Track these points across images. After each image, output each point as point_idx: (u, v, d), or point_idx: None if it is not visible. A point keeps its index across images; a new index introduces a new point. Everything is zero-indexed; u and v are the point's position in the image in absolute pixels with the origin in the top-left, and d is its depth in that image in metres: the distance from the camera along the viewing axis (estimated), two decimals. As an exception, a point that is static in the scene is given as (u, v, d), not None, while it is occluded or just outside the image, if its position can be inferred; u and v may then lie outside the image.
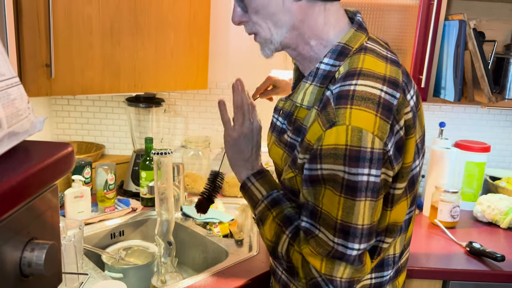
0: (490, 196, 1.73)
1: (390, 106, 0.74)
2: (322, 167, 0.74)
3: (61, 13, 1.22)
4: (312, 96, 0.81)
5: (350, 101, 0.72)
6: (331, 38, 0.83)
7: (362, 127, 0.71)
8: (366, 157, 0.71)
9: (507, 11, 1.82)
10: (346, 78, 0.76)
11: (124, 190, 1.77)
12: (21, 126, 0.47)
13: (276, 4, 0.80)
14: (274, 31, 0.82)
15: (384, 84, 0.75)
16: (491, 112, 1.95)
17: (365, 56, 0.79)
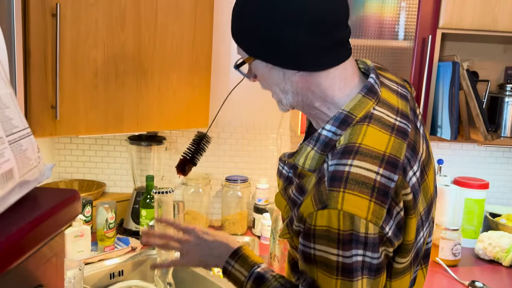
0: (491, 233, 1.73)
1: (386, 190, 0.71)
2: (315, 247, 0.73)
3: (68, 57, 1.26)
4: (313, 161, 0.79)
5: (344, 184, 0.70)
6: (336, 101, 0.81)
7: (354, 213, 0.69)
8: (359, 241, 0.70)
9: (499, 51, 1.88)
10: (343, 155, 0.74)
11: (124, 229, 1.77)
12: (31, 175, 0.49)
13: (277, 76, 0.82)
14: (281, 95, 0.85)
15: (381, 166, 0.72)
16: (488, 149, 1.97)
17: (367, 128, 0.76)
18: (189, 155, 1.07)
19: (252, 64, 0.85)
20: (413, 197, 0.76)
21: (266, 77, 0.84)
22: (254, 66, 0.85)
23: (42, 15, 1.20)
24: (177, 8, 1.48)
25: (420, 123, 0.87)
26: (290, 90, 0.83)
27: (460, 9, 1.53)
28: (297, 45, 0.77)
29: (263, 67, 0.83)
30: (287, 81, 0.82)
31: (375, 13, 1.59)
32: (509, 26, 1.54)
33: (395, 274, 0.80)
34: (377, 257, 0.72)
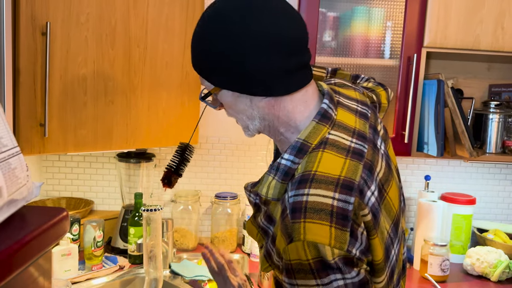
0: (478, 248, 1.74)
1: (345, 214, 0.72)
2: (297, 283, 0.73)
3: (57, 75, 1.27)
4: (275, 191, 0.80)
5: (304, 214, 0.71)
6: (298, 125, 0.83)
7: (317, 241, 0.70)
8: (331, 266, 0.71)
9: (482, 69, 1.93)
10: (299, 185, 0.75)
11: (112, 247, 1.75)
12: (20, 193, 0.49)
13: (244, 103, 0.82)
14: (248, 121, 0.85)
15: (336, 191, 0.73)
16: (474, 165, 2.00)
17: (323, 154, 0.77)
18: (174, 167, 1.06)
19: (218, 94, 0.83)
20: (373, 217, 0.76)
21: (233, 105, 0.83)
22: (220, 96, 0.83)
23: (32, 33, 1.20)
24: (167, 26, 1.49)
25: (381, 140, 0.87)
26: (257, 116, 0.83)
27: (444, 29, 1.57)
28: (263, 71, 0.77)
29: (229, 95, 0.82)
30: (254, 107, 0.82)
31: (361, 32, 1.62)
32: (491, 45, 1.59)
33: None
34: (356, 275, 0.72)
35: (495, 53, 1.61)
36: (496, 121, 1.74)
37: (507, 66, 1.93)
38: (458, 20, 1.57)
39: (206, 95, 0.85)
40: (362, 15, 1.61)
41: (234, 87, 0.80)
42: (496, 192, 2.03)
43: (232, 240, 1.84)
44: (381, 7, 1.61)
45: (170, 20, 1.50)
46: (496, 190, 2.03)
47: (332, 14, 1.62)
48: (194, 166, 1.93)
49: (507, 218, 2.05)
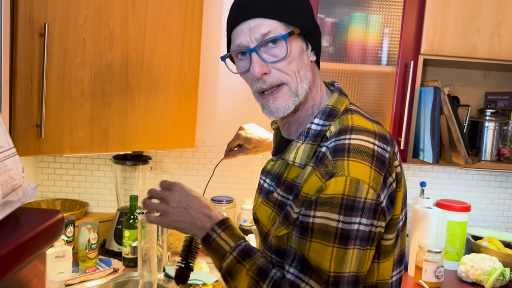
0: (473, 256, 1.75)
1: (383, 159, 0.78)
2: (315, 215, 0.75)
3: (55, 76, 1.26)
4: (304, 154, 0.84)
5: (347, 154, 0.76)
6: (317, 102, 0.89)
7: (360, 178, 0.74)
8: (359, 207, 0.74)
9: (479, 77, 1.94)
10: (340, 134, 0.80)
11: (106, 250, 1.74)
12: (15, 195, 0.49)
13: (304, 60, 0.87)
14: (300, 84, 0.86)
15: (375, 139, 0.79)
16: (469, 172, 2.01)
17: (352, 116, 0.85)
18: (184, 263, 1.05)
19: (291, 41, 0.84)
20: (401, 171, 0.83)
21: (296, 57, 0.85)
22: (291, 44, 0.84)
23: (30, 34, 1.20)
24: (165, 29, 1.50)
25: None
26: (308, 78, 0.87)
27: (441, 37, 1.58)
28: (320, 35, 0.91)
29: (299, 45, 0.85)
30: (308, 67, 0.87)
31: (359, 38, 1.63)
32: (487, 53, 1.60)
33: (383, 253, 0.83)
34: (370, 224, 0.75)
35: (492, 61, 1.62)
36: (492, 129, 1.75)
37: (503, 74, 1.94)
38: (455, 28, 1.58)
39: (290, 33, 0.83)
40: (360, 21, 1.62)
41: (309, 31, 0.86)
42: (490, 199, 2.04)
43: (227, 244, 1.84)
44: (379, 14, 1.61)
45: (168, 24, 1.50)
46: (490, 198, 2.04)
47: (330, 20, 1.63)
48: (190, 169, 1.93)
49: (502, 225, 2.06)
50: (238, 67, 0.89)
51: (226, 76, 1.90)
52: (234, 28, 0.85)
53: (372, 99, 1.66)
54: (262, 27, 0.82)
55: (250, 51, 0.83)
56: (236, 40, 0.85)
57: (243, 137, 1.21)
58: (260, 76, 0.83)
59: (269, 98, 0.86)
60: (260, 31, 0.82)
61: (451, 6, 1.57)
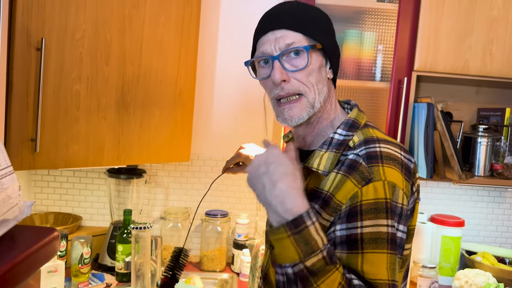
0: (467, 271, 1.75)
1: (409, 169, 0.82)
2: (363, 224, 0.75)
3: (51, 90, 1.27)
4: (328, 161, 0.85)
5: (381, 160, 0.79)
6: (332, 117, 0.93)
7: (396, 183, 0.77)
8: (397, 212, 0.76)
9: (471, 93, 1.97)
10: (368, 143, 0.83)
11: (99, 264, 1.72)
12: (11, 213, 0.48)
13: (322, 74, 0.89)
14: (317, 96, 0.88)
15: (401, 150, 0.84)
16: (463, 187, 2.02)
17: (374, 130, 0.89)
18: (170, 273, 1.06)
19: (312, 54, 0.87)
20: (419, 183, 0.86)
21: (315, 71, 0.87)
22: (312, 57, 0.87)
23: (27, 48, 1.21)
24: (162, 44, 1.51)
25: None
26: (325, 92, 0.89)
27: (433, 54, 1.60)
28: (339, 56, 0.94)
29: (319, 60, 0.88)
30: (325, 82, 0.90)
31: (353, 55, 1.65)
32: (479, 70, 1.62)
33: (403, 262, 0.84)
34: (404, 231, 0.77)
35: (484, 78, 1.64)
36: (485, 144, 1.76)
37: (495, 90, 1.97)
38: (447, 45, 1.60)
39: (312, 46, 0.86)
40: (354, 38, 1.64)
41: (329, 49, 0.90)
42: (484, 214, 2.05)
43: (221, 259, 1.83)
44: (373, 31, 1.64)
45: (165, 39, 1.51)
46: (484, 213, 2.05)
47: (325, 36, 1.65)
48: (185, 183, 1.93)
49: (495, 240, 2.06)
50: (259, 73, 0.91)
51: (222, 91, 1.91)
52: (260, 37, 0.89)
53: (366, 115, 1.67)
54: (287, 38, 0.85)
55: (273, 58, 0.86)
56: (260, 47, 0.88)
57: (244, 156, 1.21)
58: (279, 82, 0.85)
59: (285, 106, 0.88)
60: (284, 41, 0.85)
61: (443, 24, 1.60)
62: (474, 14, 1.60)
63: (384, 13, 1.63)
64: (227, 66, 1.91)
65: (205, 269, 1.79)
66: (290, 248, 0.69)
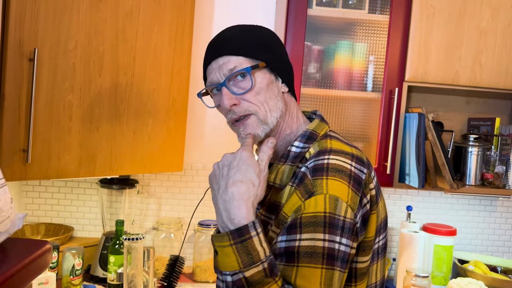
0: (459, 280, 1.75)
1: (359, 180, 0.80)
2: (301, 237, 0.74)
3: (43, 101, 1.26)
4: (284, 175, 0.86)
5: (326, 173, 0.79)
6: (294, 129, 0.93)
7: (338, 196, 0.76)
8: (339, 225, 0.75)
9: (462, 103, 1.99)
10: (319, 155, 0.83)
11: (91, 275, 1.70)
12: (3, 226, 0.48)
13: (273, 91, 0.90)
14: (269, 113, 0.89)
15: (352, 160, 0.83)
16: (454, 196, 2.04)
17: (331, 140, 0.88)
18: (166, 282, 1.06)
19: (257, 74, 0.88)
20: (376, 194, 0.85)
21: (263, 89, 0.88)
22: (257, 76, 0.88)
23: (19, 59, 1.20)
24: (155, 55, 1.51)
25: None
26: (279, 107, 0.90)
27: (424, 65, 1.63)
28: (291, 68, 0.95)
29: (266, 77, 0.89)
30: (278, 97, 0.90)
31: (345, 65, 1.67)
32: (469, 81, 1.65)
33: (360, 275, 0.84)
34: (350, 245, 0.76)
35: (474, 89, 1.67)
36: (475, 154, 1.78)
37: (485, 100, 1.99)
38: (438, 56, 1.63)
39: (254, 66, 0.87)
40: (345, 49, 1.66)
41: (275, 66, 0.90)
42: (476, 223, 2.06)
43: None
44: (364, 42, 1.66)
45: (158, 49, 1.52)
46: (476, 221, 2.06)
47: (317, 47, 1.67)
48: (178, 193, 1.92)
49: (487, 249, 2.08)
50: (214, 101, 0.96)
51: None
52: (206, 67, 0.93)
53: (358, 125, 1.69)
54: (229, 63, 0.88)
55: (220, 85, 0.89)
56: (209, 77, 0.92)
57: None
58: (229, 107, 0.88)
59: (239, 125, 0.90)
60: (227, 67, 0.88)
61: (433, 35, 1.62)
62: (463, 25, 1.63)
63: (375, 25, 1.66)
64: (220, 76, 1.91)
65: (198, 280, 1.78)
66: (231, 257, 0.71)
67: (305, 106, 1.66)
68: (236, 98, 0.88)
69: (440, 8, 1.62)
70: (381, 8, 1.65)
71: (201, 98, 0.97)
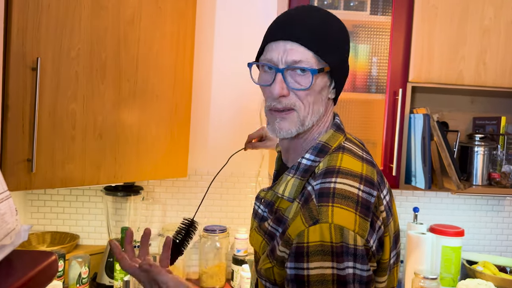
0: (468, 281, 1.74)
1: (368, 205, 0.77)
2: (309, 266, 0.74)
3: (46, 110, 1.26)
4: (293, 188, 0.84)
5: (332, 199, 0.76)
6: (315, 136, 0.90)
7: (344, 225, 0.73)
8: (349, 252, 0.73)
9: (466, 103, 1.98)
10: (326, 175, 0.80)
11: (97, 284, 1.70)
12: (8, 238, 0.48)
13: (324, 96, 0.87)
14: (309, 115, 0.86)
15: (361, 183, 0.79)
16: (461, 196, 2.02)
17: (343, 155, 0.84)
18: (178, 240, 1.05)
19: (319, 76, 0.85)
20: (386, 215, 0.83)
21: (316, 92, 0.85)
22: (317, 78, 0.84)
23: (22, 69, 1.20)
24: (157, 61, 1.51)
25: None
26: (320, 112, 0.88)
27: (428, 65, 1.62)
28: (347, 74, 0.92)
29: (323, 82, 0.86)
30: (324, 103, 0.88)
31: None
32: (474, 80, 1.63)
33: None
34: (367, 269, 0.74)
35: (478, 88, 1.65)
36: (482, 153, 1.77)
37: (490, 99, 1.98)
38: (441, 56, 1.62)
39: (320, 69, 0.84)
40: (348, 50, 1.65)
41: (337, 72, 0.88)
42: (483, 223, 2.04)
43: (220, 276, 1.81)
44: (367, 44, 1.65)
45: (160, 55, 1.52)
46: (483, 221, 2.04)
47: (320, 49, 1.66)
48: (182, 198, 1.92)
49: (496, 249, 2.06)
50: (261, 78, 0.90)
51: (218, 105, 1.91)
52: (270, 41, 0.86)
53: (362, 127, 1.68)
54: (296, 54, 0.83)
55: (277, 70, 0.84)
56: (268, 53, 0.86)
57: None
58: (278, 97, 0.85)
59: (277, 116, 0.87)
60: (292, 57, 0.83)
61: (436, 35, 1.61)
62: (466, 24, 1.62)
63: (378, 26, 1.65)
64: (223, 80, 1.91)
65: (205, 286, 1.77)
66: None
67: (309, 109, 1.65)
68: (287, 89, 0.84)
69: (442, 7, 1.61)
70: (383, 9, 1.64)
71: (250, 67, 0.91)
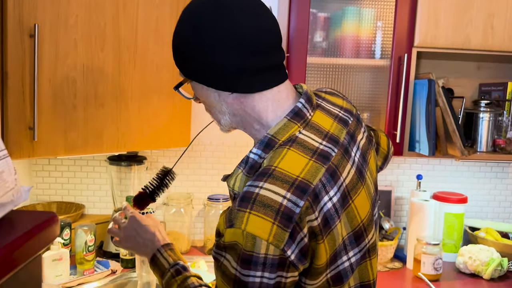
0: (470, 247, 1.75)
1: (290, 215, 0.72)
2: (225, 256, 0.75)
3: (46, 78, 1.25)
4: (241, 184, 0.82)
5: (251, 206, 0.73)
6: (268, 122, 0.83)
7: (256, 234, 0.71)
8: (258, 262, 0.71)
9: (472, 69, 1.94)
10: (257, 177, 0.76)
11: (104, 251, 1.73)
12: (7, 197, 0.48)
13: (213, 97, 0.84)
14: (219, 115, 0.87)
15: (289, 191, 0.74)
16: (465, 163, 2.02)
17: (288, 151, 0.78)
18: (150, 189, 1.05)
19: (191, 86, 0.87)
20: (323, 222, 0.76)
21: (204, 98, 0.86)
22: (193, 88, 0.87)
23: (20, 36, 1.19)
24: (157, 28, 1.48)
25: (357, 148, 0.88)
26: (227, 111, 0.85)
27: (434, 29, 1.58)
28: (228, 68, 0.79)
29: (200, 88, 0.84)
30: (222, 102, 0.84)
31: (352, 33, 1.63)
32: (480, 44, 1.60)
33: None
34: (275, 276, 0.73)
35: (485, 52, 1.62)
36: (487, 120, 1.75)
37: (497, 65, 1.94)
38: (447, 20, 1.58)
39: (178, 84, 0.87)
40: (352, 15, 1.62)
41: (200, 78, 0.82)
42: (487, 190, 2.05)
43: (225, 243, 1.83)
44: (371, 8, 1.61)
45: (160, 22, 1.49)
46: (487, 189, 2.04)
47: (323, 14, 1.63)
48: (186, 168, 1.92)
49: (498, 216, 2.06)
50: None
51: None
52: None
53: (366, 93, 1.66)
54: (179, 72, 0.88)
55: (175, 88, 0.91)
56: None
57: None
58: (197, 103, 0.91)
59: None
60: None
61: (443, -2, 1.57)
62: (474, -13, 1.57)
63: (382, -11, 1.60)
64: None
65: (210, 252, 1.79)
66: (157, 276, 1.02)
67: (312, 76, 1.63)
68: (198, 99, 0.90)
69: (449, -31, 1.56)
70: (388, -29, 1.59)
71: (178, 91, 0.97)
